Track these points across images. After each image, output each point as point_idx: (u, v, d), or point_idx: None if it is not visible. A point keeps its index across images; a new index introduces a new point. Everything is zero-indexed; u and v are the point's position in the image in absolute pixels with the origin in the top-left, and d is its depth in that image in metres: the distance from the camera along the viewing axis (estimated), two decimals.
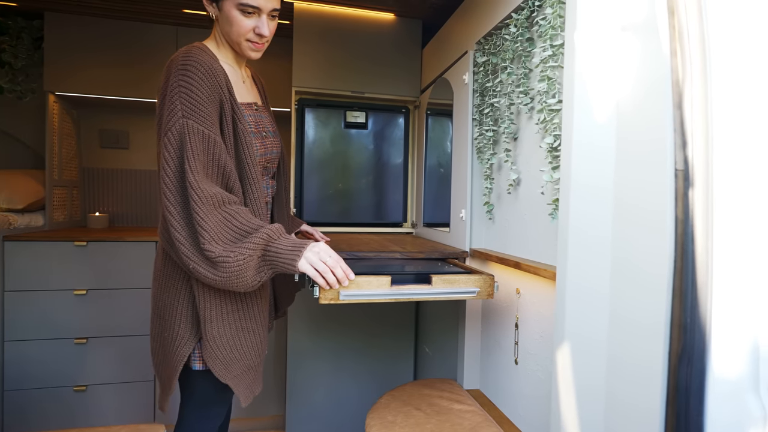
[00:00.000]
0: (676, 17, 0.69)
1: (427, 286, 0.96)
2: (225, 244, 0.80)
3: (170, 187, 0.81)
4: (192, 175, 0.80)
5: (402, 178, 1.97)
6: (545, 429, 1.01)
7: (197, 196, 0.80)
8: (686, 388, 0.66)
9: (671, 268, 0.69)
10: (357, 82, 1.85)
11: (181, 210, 0.80)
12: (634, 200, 0.76)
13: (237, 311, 0.92)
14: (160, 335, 0.94)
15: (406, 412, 1.18)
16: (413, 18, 1.89)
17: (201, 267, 0.80)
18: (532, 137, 1.07)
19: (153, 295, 0.96)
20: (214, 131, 0.85)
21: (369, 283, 0.92)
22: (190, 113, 0.82)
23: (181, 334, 0.90)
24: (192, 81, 0.83)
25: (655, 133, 0.71)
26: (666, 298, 0.69)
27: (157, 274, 0.95)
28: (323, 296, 0.89)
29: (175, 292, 0.91)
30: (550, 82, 0.94)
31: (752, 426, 0.63)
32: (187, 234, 0.80)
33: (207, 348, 0.88)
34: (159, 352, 0.96)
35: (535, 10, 1.03)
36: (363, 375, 1.84)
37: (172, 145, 0.82)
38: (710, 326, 0.65)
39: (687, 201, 0.68)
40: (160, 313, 0.93)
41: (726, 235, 0.64)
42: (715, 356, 0.65)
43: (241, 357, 0.92)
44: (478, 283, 0.99)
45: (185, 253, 0.80)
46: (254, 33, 0.91)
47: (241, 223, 0.82)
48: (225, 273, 0.79)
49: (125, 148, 2.25)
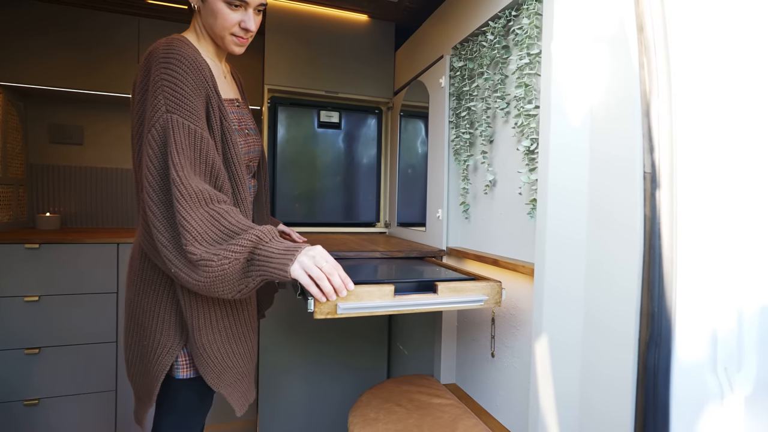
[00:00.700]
0: (644, 34, 0.76)
1: (432, 295, 0.88)
2: (209, 246, 0.73)
3: (153, 186, 0.76)
4: (176, 170, 0.74)
5: (375, 178, 1.99)
6: (523, 416, 1.06)
7: (180, 192, 0.74)
8: (654, 370, 0.73)
9: (641, 262, 0.75)
10: (331, 81, 1.85)
11: (164, 210, 0.75)
12: (607, 200, 0.82)
13: (226, 318, 0.89)
14: (138, 344, 0.89)
15: (387, 409, 1.20)
16: (387, 20, 1.92)
17: (183, 271, 0.74)
18: (508, 140, 1.12)
19: (128, 301, 0.91)
20: (201, 126, 0.80)
21: (370, 293, 0.82)
22: (175, 107, 0.77)
23: (164, 342, 0.86)
24: (176, 74, 0.78)
25: (626, 138, 0.78)
26: (636, 289, 0.76)
27: (133, 278, 0.90)
28: (318, 310, 0.78)
29: (155, 298, 0.87)
30: (527, 89, 0.99)
31: (711, 401, 0.70)
32: (169, 236, 0.75)
33: (198, 356, 0.85)
34: (137, 362, 0.91)
35: (511, 19, 1.08)
36: (337, 375, 1.84)
37: (156, 142, 0.77)
38: (675, 314, 0.72)
39: (654, 201, 0.74)
40: (138, 320, 0.89)
41: (688, 232, 0.72)
42: (679, 341, 0.72)
43: (233, 365, 0.90)
44: (485, 290, 0.92)
45: (167, 257, 0.75)
46: (240, 27, 0.88)
47: (230, 223, 0.75)
48: (207, 277, 0.72)
49: (79, 144, 2.10)
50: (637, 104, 0.76)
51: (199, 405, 0.95)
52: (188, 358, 0.89)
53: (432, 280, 0.91)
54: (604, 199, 0.83)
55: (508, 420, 1.12)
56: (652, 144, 0.75)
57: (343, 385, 1.84)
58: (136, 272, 0.89)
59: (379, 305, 0.83)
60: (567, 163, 0.88)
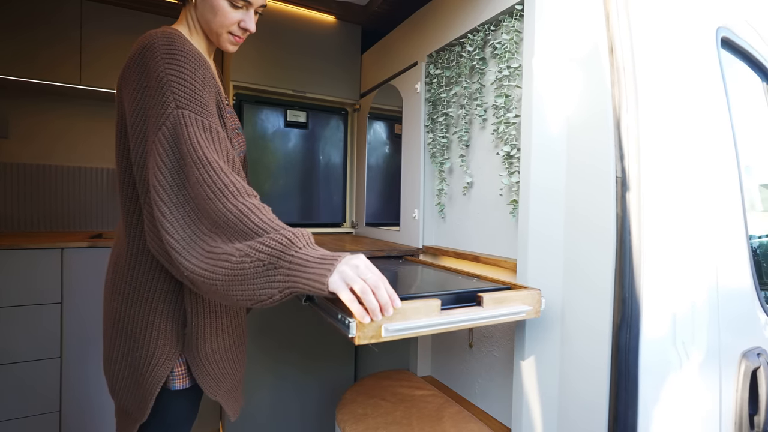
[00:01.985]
0: (615, 55, 0.88)
1: (477, 308, 0.80)
2: (232, 243, 0.64)
3: (164, 186, 0.70)
4: (208, 162, 0.67)
5: (341, 178, 2.01)
6: (501, 400, 1.15)
7: (219, 183, 0.65)
8: (626, 348, 0.84)
9: (614, 255, 0.86)
10: (298, 81, 1.83)
11: (176, 210, 0.70)
12: (583, 201, 0.93)
13: (230, 326, 0.88)
14: (128, 356, 0.84)
15: (373, 404, 1.23)
16: (353, 23, 1.94)
17: (197, 273, 0.65)
18: (485, 145, 1.21)
19: (112, 311, 0.85)
20: (215, 122, 0.75)
21: (417, 310, 0.71)
22: (185, 103, 0.72)
23: (159, 352, 0.82)
24: (184, 70, 0.74)
25: (600, 147, 0.89)
26: (610, 278, 0.87)
27: (119, 286, 0.84)
28: (361, 334, 0.65)
29: (148, 307, 0.82)
30: (507, 99, 1.08)
31: (671, 369, 0.83)
32: (180, 237, 0.69)
33: (198, 365, 0.83)
34: (124, 375, 0.85)
35: (490, 33, 1.17)
36: (304, 377, 1.83)
37: (167, 140, 0.71)
38: (642, 299, 0.84)
39: (624, 202, 0.86)
40: (126, 330, 0.83)
41: (652, 229, 0.84)
42: (646, 322, 0.84)
43: (231, 372, 0.88)
44: (527, 300, 0.86)
45: (178, 259, 0.68)
46: (239, 27, 0.86)
47: (260, 220, 0.65)
48: (226, 274, 0.62)
49: (4, 137, 1.87)
50: (610, 117, 0.88)
51: (190, 414, 0.92)
52: (184, 368, 0.86)
53: (473, 291, 0.84)
54: (581, 201, 0.93)
55: (488, 405, 1.21)
56: (622, 152, 0.86)
57: (310, 387, 1.83)
58: (124, 279, 0.83)
59: (426, 324, 0.71)
60: (547, 167, 0.98)
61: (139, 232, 0.81)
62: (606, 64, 0.89)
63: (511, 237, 1.11)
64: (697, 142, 0.91)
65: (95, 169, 2.02)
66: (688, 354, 0.84)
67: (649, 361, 0.84)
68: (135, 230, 0.81)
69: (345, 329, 0.66)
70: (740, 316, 0.95)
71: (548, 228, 0.98)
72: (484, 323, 0.81)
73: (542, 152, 0.98)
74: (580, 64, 0.93)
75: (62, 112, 1.95)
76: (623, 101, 0.86)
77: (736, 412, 0.89)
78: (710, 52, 0.94)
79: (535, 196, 0.98)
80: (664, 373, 0.83)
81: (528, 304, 0.85)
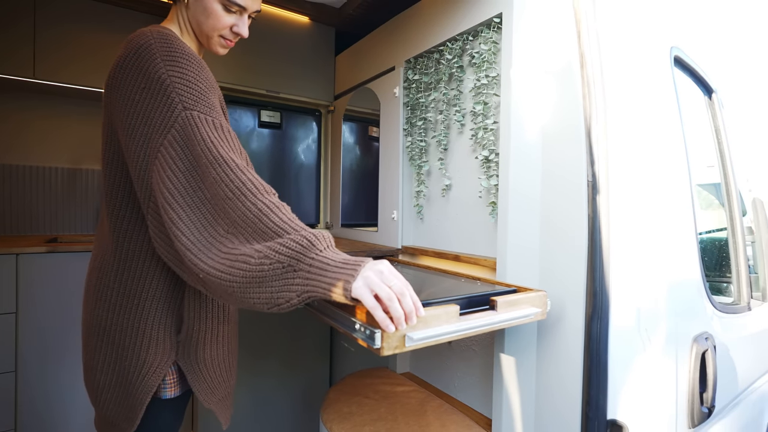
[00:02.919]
0: (585, 70, 0.96)
1: (492, 313, 0.80)
2: (258, 242, 0.62)
3: (179, 189, 0.67)
4: (225, 161, 0.64)
5: (315, 179, 2.01)
6: (480, 392, 1.21)
7: (239, 182, 0.63)
8: (597, 337, 0.92)
9: (586, 253, 0.94)
10: (272, 81, 1.81)
11: (190, 213, 0.67)
12: (557, 203, 1.00)
13: (230, 333, 0.88)
14: (115, 365, 0.80)
15: (357, 402, 1.25)
16: (327, 25, 1.95)
17: (213, 275, 0.62)
18: (464, 149, 1.27)
19: (96, 319, 0.81)
20: (224, 121, 0.73)
21: (437, 317, 0.69)
22: (193, 104, 0.69)
23: (150, 360, 0.79)
24: (187, 72, 0.71)
25: (573, 153, 0.97)
26: (582, 274, 0.95)
27: (104, 293, 0.80)
28: (387, 345, 0.62)
29: (138, 313, 0.79)
30: (485, 107, 1.14)
31: (636, 354, 0.92)
32: (195, 239, 0.66)
33: (195, 373, 0.81)
34: (111, 385, 0.81)
35: (468, 43, 1.23)
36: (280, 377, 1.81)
37: (178, 144, 0.68)
38: (611, 292, 0.92)
39: (595, 203, 0.94)
40: (113, 339, 0.80)
41: (619, 228, 0.93)
42: (614, 313, 0.92)
43: (226, 379, 0.88)
44: (535, 302, 0.87)
45: (192, 260, 0.65)
46: (231, 31, 0.85)
47: (280, 219, 0.62)
48: (244, 275, 0.61)
49: None
50: (581, 126, 0.95)
51: (177, 423, 0.90)
52: (176, 376, 0.84)
53: (485, 295, 0.83)
54: (555, 203, 1.01)
55: (467, 398, 1.26)
56: (592, 158, 0.95)
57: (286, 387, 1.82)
58: (110, 286, 0.80)
59: (447, 331, 0.70)
60: (524, 171, 1.05)
61: (129, 237, 0.79)
62: (578, 77, 0.96)
63: (490, 237, 1.17)
64: (655, 149, 1.01)
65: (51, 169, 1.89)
66: (650, 339, 0.93)
67: (618, 348, 0.92)
68: (124, 235, 0.79)
69: (367, 340, 0.64)
70: (691, 304, 1.06)
71: (525, 228, 1.05)
72: (499, 327, 0.80)
73: (519, 157, 1.05)
74: (555, 76, 1.00)
75: (14, 106, 1.81)
76: (593, 112, 0.94)
77: (689, 390, 1.00)
78: (665, 69, 1.05)
79: (514, 198, 1.05)
80: (630, 358, 0.92)
81: (537, 306, 0.87)
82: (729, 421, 1.20)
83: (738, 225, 1.34)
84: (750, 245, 1.50)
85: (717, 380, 1.05)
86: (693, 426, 1.01)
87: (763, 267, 1.48)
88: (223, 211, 0.66)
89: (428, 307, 0.70)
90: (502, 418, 1.06)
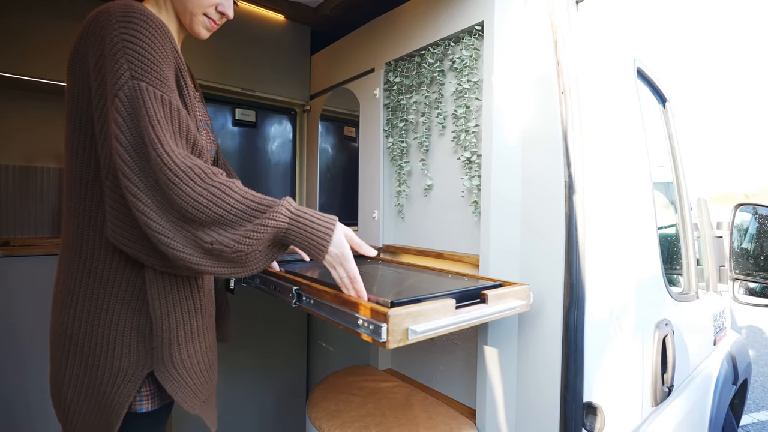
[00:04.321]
0: (561, 79, 1.03)
1: (483, 305, 0.84)
2: (219, 228, 0.65)
3: (130, 165, 0.64)
4: (161, 144, 0.63)
5: (290, 179, 1.99)
6: (463, 384, 1.26)
7: (171, 172, 0.62)
8: (575, 326, 1.00)
9: (563, 249, 1.02)
10: (246, 79, 1.78)
11: (152, 193, 0.65)
12: (536, 203, 1.07)
13: (205, 327, 0.82)
14: (85, 376, 0.75)
15: (344, 399, 1.27)
16: (303, 24, 1.94)
17: (194, 258, 0.65)
18: (445, 150, 1.31)
19: (62, 328, 0.76)
20: (174, 97, 0.69)
21: (436, 311, 0.73)
22: (142, 74, 0.65)
23: (124, 368, 0.74)
24: (140, 36, 0.66)
25: (551, 156, 1.03)
26: (560, 268, 1.02)
27: (70, 299, 0.75)
28: (392, 338, 0.66)
29: (108, 320, 0.74)
30: (467, 110, 1.20)
31: (609, 340, 1.01)
32: (166, 220, 0.65)
33: (173, 379, 0.75)
34: (82, 399, 0.75)
35: (449, 48, 1.27)
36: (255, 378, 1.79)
37: (123, 113, 0.64)
38: (586, 283, 1.00)
39: (571, 203, 1.01)
40: (82, 348, 0.74)
41: (594, 225, 1.00)
42: (589, 303, 1.00)
43: (207, 379, 0.83)
44: (520, 295, 0.93)
45: (169, 244, 0.64)
46: (216, 10, 0.83)
47: (237, 200, 0.66)
48: (227, 262, 0.67)
49: None
50: (558, 132, 1.02)
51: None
52: (153, 387, 0.79)
53: (477, 289, 0.88)
54: (534, 202, 1.07)
55: (450, 390, 1.31)
56: (569, 161, 1.02)
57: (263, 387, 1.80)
58: (76, 291, 0.75)
59: (445, 324, 0.73)
60: (504, 172, 1.10)
61: (97, 236, 0.74)
62: (555, 85, 1.03)
63: (472, 234, 1.22)
64: (622, 152, 1.10)
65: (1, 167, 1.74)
66: (621, 326, 1.02)
67: (593, 336, 1.00)
68: (90, 233, 0.74)
69: (372, 334, 0.67)
70: (653, 293, 1.17)
71: (507, 226, 1.11)
72: (489, 319, 0.86)
73: (501, 158, 1.11)
74: (534, 83, 1.07)
75: None
76: (569, 117, 1.01)
77: (652, 372, 1.10)
78: (630, 79, 1.15)
79: (495, 197, 1.11)
80: (604, 345, 1.01)
81: (522, 299, 0.92)
82: (682, 400, 1.33)
83: (688, 222, 1.48)
84: (696, 240, 1.66)
85: (675, 362, 1.16)
86: (655, 404, 1.11)
87: (707, 260, 1.64)
88: (169, 200, 0.65)
89: (427, 302, 0.75)
90: (486, 407, 1.11)
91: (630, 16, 1.21)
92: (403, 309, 0.69)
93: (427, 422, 1.13)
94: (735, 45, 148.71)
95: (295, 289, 0.89)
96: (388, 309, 0.67)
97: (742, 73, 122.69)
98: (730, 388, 1.67)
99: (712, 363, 1.56)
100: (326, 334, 1.87)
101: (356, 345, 1.65)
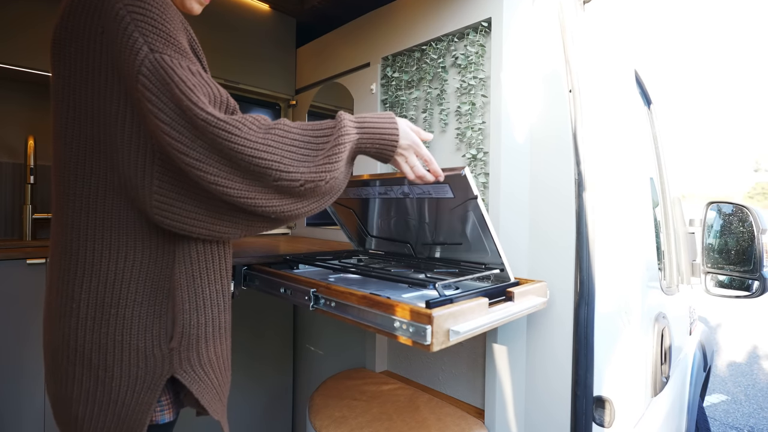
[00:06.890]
0: (571, 77, 1.04)
1: (510, 303, 0.82)
2: (302, 164, 0.64)
3: (180, 139, 0.59)
4: (203, 109, 0.58)
5: None
6: (469, 383, 1.25)
7: (231, 127, 0.59)
8: (585, 321, 1.01)
9: (574, 245, 1.03)
10: (230, 70, 1.69)
11: (212, 161, 0.60)
12: (546, 200, 1.07)
13: (229, 325, 0.78)
14: (97, 390, 0.68)
15: (347, 405, 1.22)
16: (288, 15, 1.86)
17: (286, 205, 0.65)
18: (448, 147, 1.30)
19: (61, 339, 0.68)
20: (198, 66, 0.64)
21: (472, 310, 0.71)
22: (160, 47, 0.60)
23: (141, 375, 0.68)
24: (149, 6, 0.61)
25: (561, 153, 1.04)
26: (570, 265, 1.03)
27: (70, 307, 0.67)
28: (435, 341, 0.63)
29: (119, 325, 0.67)
30: (473, 107, 1.19)
31: (617, 334, 1.03)
32: (242, 182, 0.62)
33: (201, 378, 0.71)
34: (96, 415, 0.68)
35: (452, 43, 1.26)
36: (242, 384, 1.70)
37: (152, 92, 0.59)
38: (596, 279, 1.02)
39: (581, 200, 1.03)
40: (89, 359, 0.67)
41: (603, 222, 1.02)
42: (599, 298, 1.02)
43: (228, 379, 0.78)
44: (539, 291, 0.91)
45: (257, 204, 0.63)
46: None
47: (299, 133, 0.65)
48: (321, 195, 0.69)
49: None
50: (567, 129, 1.03)
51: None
52: (171, 395, 0.73)
53: (502, 287, 0.86)
54: (544, 199, 1.08)
55: (454, 390, 1.30)
56: (579, 158, 1.03)
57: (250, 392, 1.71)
58: (73, 298, 0.67)
59: (482, 323, 0.71)
60: (513, 169, 1.10)
61: (98, 236, 0.67)
62: (563, 83, 1.04)
63: None
64: (624, 150, 1.13)
65: None
66: (629, 319, 1.04)
67: (602, 330, 1.02)
68: (90, 233, 0.66)
69: (413, 337, 0.65)
70: (651, 288, 1.21)
71: (516, 222, 1.10)
72: (517, 316, 0.85)
73: (509, 155, 1.10)
74: (542, 80, 1.07)
75: None
76: (578, 116, 1.03)
77: (653, 363, 1.14)
78: (631, 79, 1.18)
79: (504, 195, 1.10)
80: (613, 339, 1.03)
81: (541, 296, 0.93)
82: (669, 389, 1.39)
83: (671, 218, 1.56)
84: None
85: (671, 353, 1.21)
86: (655, 394, 1.15)
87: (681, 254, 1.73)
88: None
89: (461, 301, 0.73)
90: (495, 406, 1.11)
91: (629, 17, 1.25)
92: (445, 309, 0.66)
93: (437, 424, 1.11)
94: (720, 48, 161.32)
95: (312, 292, 0.84)
96: (430, 310, 0.64)
97: (726, 76, 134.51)
98: (701, 375, 1.78)
99: (689, 351, 1.65)
100: (314, 337, 1.81)
101: (346, 347, 1.61)
